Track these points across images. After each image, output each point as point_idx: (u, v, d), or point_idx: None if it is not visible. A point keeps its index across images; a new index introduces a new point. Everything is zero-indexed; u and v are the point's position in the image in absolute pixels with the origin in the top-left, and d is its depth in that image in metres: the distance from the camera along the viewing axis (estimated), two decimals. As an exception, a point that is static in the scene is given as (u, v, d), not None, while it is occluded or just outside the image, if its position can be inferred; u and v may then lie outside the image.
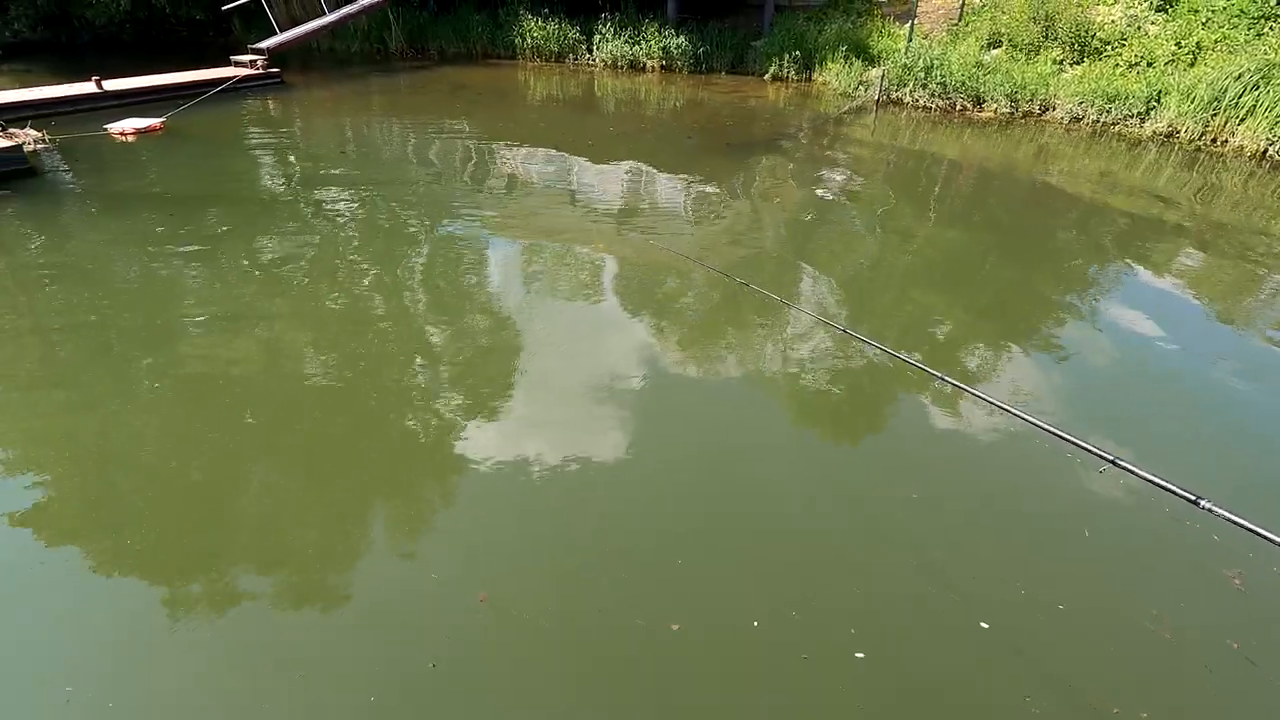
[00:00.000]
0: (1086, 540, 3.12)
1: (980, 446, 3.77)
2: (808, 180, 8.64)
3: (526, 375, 4.28)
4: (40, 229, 6.38)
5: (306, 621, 2.68)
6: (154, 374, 4.19)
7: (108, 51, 17.81)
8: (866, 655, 2.54)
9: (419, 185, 8.02)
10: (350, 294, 5.28)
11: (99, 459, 3.52)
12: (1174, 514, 3.22)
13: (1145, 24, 11.59)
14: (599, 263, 5.98)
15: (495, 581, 2.84)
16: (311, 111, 11.84)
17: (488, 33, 17.02)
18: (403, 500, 3.32)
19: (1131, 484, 3.41)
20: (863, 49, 13.75)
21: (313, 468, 3.48)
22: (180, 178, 8.01)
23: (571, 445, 3.63)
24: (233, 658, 2.54)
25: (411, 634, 2.61)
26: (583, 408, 3.96)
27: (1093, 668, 2.54)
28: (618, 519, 3.22)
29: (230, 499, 3.27)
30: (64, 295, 5.12)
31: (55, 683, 2.42)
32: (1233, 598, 2.84)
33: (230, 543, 3.02)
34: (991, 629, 2.66)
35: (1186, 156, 9.55)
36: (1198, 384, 4.45)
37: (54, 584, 2.83)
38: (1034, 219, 7.47)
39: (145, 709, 2.37)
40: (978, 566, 2.98)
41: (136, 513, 3.15)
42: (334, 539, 3.06)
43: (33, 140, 8.82)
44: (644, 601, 2.75)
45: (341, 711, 2.34)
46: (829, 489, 3.47)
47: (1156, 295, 5.69)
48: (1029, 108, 11.58)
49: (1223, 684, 2.50)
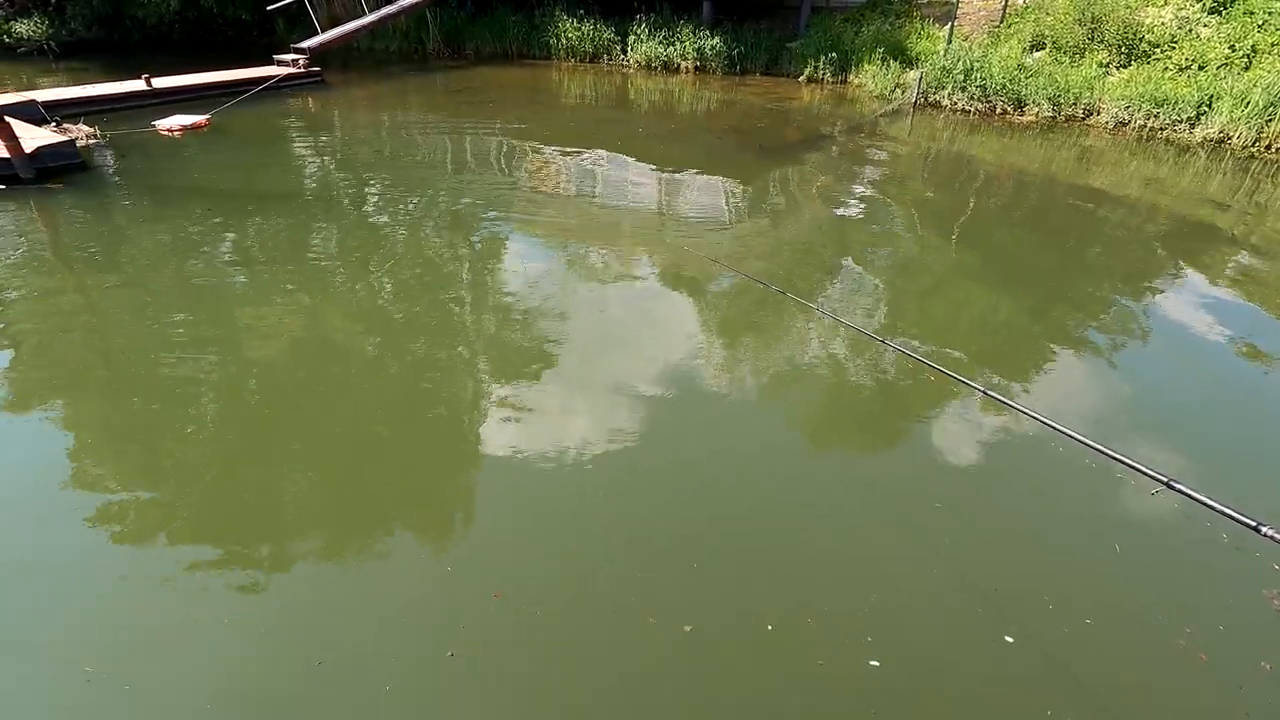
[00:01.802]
0: (1118, 555, 3.01)
1: (1012, 456, 3.68)
2: (841, 183, 8.53)
3: (547, 373, 4.30)
4: (90, 219, 6.62)
5: (324, 608, 2.72)
6: (188, 359, 4.31)
7: (157, 50, 18.43)
8: (882, 664, 2.50)
9: (452, 184, 8.12)
10: (378, 287, 5.37)
11: (128, 440, 3.63)
12: (1207, 531, 3.10)
13: (1197, 26, 11.20)
14: (626, 264, 5.98)
15: (510, 577, 2.85)
16: (350, 110, 12.08)
17: (523, 33, 17.18)
18: (422, 493, 3.36)
19: (1167, 501, 3.29)
20: (900, 51, 13.54)
21: (336, 456, 3.54)
22: (224, 173, 8.24)
23: (590, 444, 3.64)
24: (251, 642, 2.59)
25: (428, 625, 2.64)
26: (602, 407, 3.96)
27: (1119, 684, 2.45)
28: (635, 519, 3.21)
29: (253, 486, 3.34)
30: (110, 280, 5.31)
31: (76, 662, 2.48)
32: (1270, 618, 2.72)
33: (250, 529, 3.08)
34: (1016, 641, 2.59)
35: (1238, 163, 9.20)
36: (1250, 399, 4.28)
37: (76, 564, 2.92)
38: (1078, 223, 7.27)
39: (162, 692, 2.41)
40: (1004, 578, 2.90)
41: (159, 497, 3.24)
42: (354, 528, 3.11)
43: (85, 136, 9.17)
44: (658, 601, 2.74)
45: (359, 695, 2.38)
46: (853, 494, 3.41)
47: (1211, 306, 5.47)
48: (1072, 111, 11.28)
49: (1253, 702, 2.39)
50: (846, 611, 2.71)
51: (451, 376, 4.30)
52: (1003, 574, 2.92)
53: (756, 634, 2.61)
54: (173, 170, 8.23)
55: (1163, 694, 2.44)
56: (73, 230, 6.38)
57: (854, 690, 2.41)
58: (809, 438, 3.85)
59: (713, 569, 2.90)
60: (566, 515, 3.20)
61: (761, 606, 2.72)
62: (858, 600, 2.77)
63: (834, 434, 3.91)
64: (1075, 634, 2.64)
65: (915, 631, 2.65)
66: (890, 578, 2.90)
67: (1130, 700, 2.40)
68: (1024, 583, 2.88)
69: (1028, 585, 2.86)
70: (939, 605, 2.76)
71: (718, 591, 2.80)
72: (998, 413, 3.97)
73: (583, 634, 2.61)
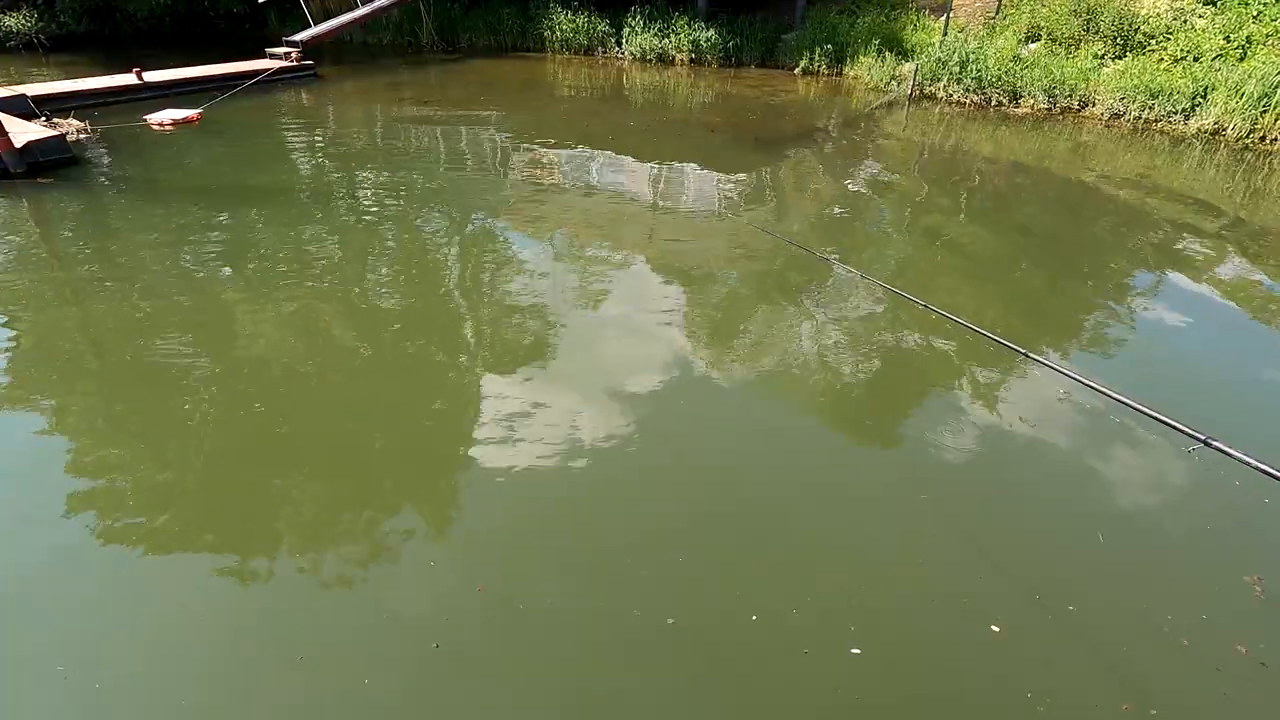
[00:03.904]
0: (1101, 545, 3.03)
1: (997, 451, 3.69)
2: (837, 175, 8.52)
3: (529, 368, 4.30)
4: (81, 214, 6.59)
5: (306, 603, 2.72)
6: (175, 354, 4.30)
7: (148, 43, 18.29)
8: (864, 652, 2.51)
9: (445, 177, 8.09)
10: (369, 281, 5.36)
11: (111, 437, 3.62)
12: (1192, 519, 3.13)
13: (1192, 17, 11.18)
14: (618, 258, 5.97)
15: (493, 571, 2.85)
16: (343, 103, 12.03)
17: (517, 26, 17.10)
18: (405, 487, 3.35)
19: (1150, 488, 3.32)
20: (896, 43, 13.51)
21: (322, 454, 3.53)
22: (215, 168, 8.20)
23: (574, 439, 3.64)
24: (232, 637, 2.58)
25: (411, 618, 2.64)
26: (589, 403, 3.96)
27: (1102, 670, 2.47)
28: (622, 514, 3.21)
29: (234, 481, 3.33)
30: (100, 276, 5.29)
31: (49, 660, 2.46)
32: (1250, 603, 2.75)
33: (229, 524, 3.07)
34: (1000, 629, 2.61)
35: (1233, 155, 9.21)
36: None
37: (56, 562, 2.90)
38: (1072, 215, 7.27)
39: (140, 689, 2.40)
40: (990, 569, 2.92)
41: (139, 493, 3.23)
42: (336, 522, 3.11)
43: (76, 130, 9.11)
44: (642, 594, 2.74)
45: (341, 689, 2.38)
46: (836, 488, 3.42)
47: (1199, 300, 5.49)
48: (1067, 103, 11.27)
49: (1231, 683, 2.42)
50: (831, 602, 2.72)
51: (436, 370, 4.29)
52: (989, 565, 2.94)
53: (741, 625, 2.62)
54: (164, 165, 8.19)
55: (1144, 678, 2.46)
56: (64, 225, 6.35)
57: (834, 678, 2.43)
58: (792, 433, 3.85)
59: (698, 564, 2.90)
60: (550, 510, 3.21)
61: (746, 599, 2.73)
62: (843, 591, 2.78)
63: (819, 429, 3.91)
64: (1060, 622, 2.66)
65: (900, 620, 2.66)
66: (875, 568, 2.91)
67: (1112, 685, 2.42)
68: (1010, 573, 2.89)
69: (1014, 575, 2.88)
70: (924, 595, 2.78)
71: (702, 583, 2.81)
72: (984, 405, 3.98)
73: (566, 626, 2.62)
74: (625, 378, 4.16)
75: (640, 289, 5.36)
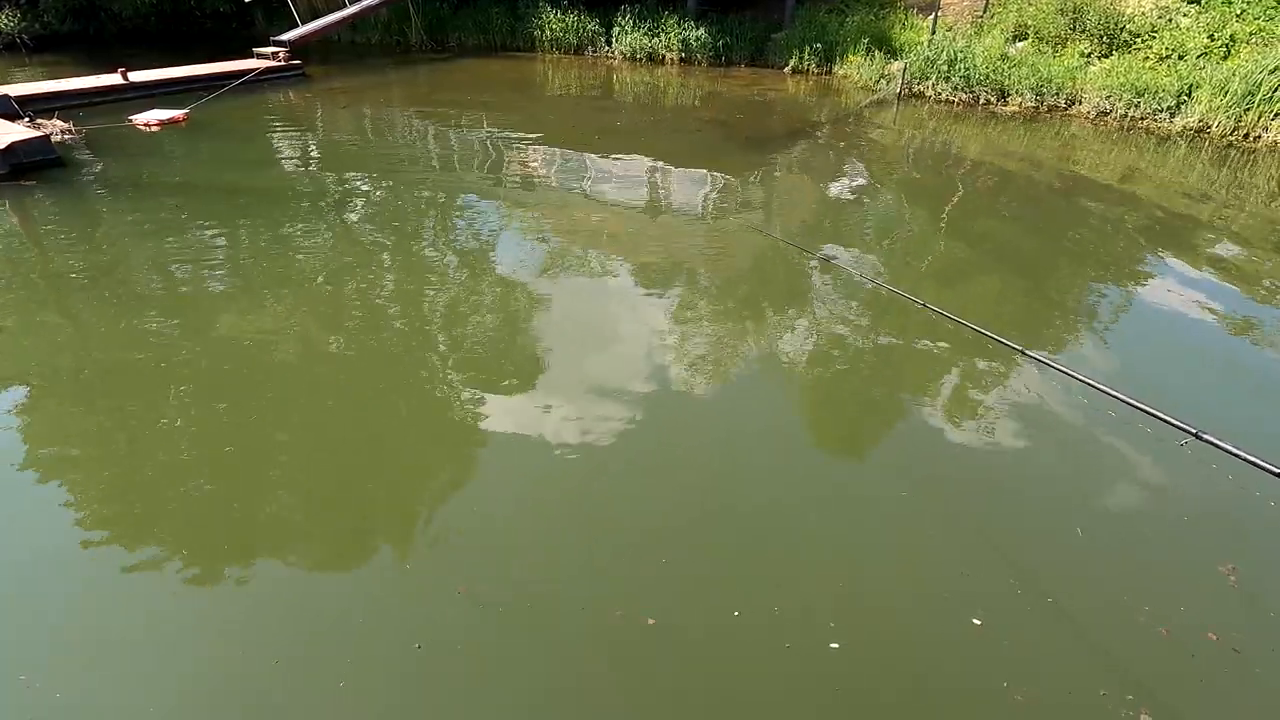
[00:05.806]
0: (1080, 537, 3.06)
1: (979, 447, 3.71)
2: (827, 173, 8.55)
3: (519, 369, 4.29)
4: (66, 216, 6.53)
5: (286, 605, 2.71)
6: (156, 357, 4.27)
7: (133, 43, 18.13)
8: (843, 645, 2.53)
9: (435, 177, 8.07)
10: (359, 284, 5.34)
11: (91, 440, 3.60)
12: (1168, 510, 3.16)
13: (1177, 16, 11.27)
14: (608, 257, 5.97)
15: (475, 572, 2.84)
16: (331, 103, 11.97)
17: (507, 25, 17.06)
18: (386, 488, 3.34)
19: (1127, 482, 3.36)
20: (885, 41, 13.56)
21: (301, 455, 3.52)
22: (202, 169, 8.16)
23: (560, 440, 3.63)
24: (208, 642, 2.56)
25: (391, 620, 2.63)
26: (572, 402, 3.96)
27: (1083, 660, 2.49)
28: (606, 514, 3.20)
29: (214, 484, 3.31)
30: (85, 278, 5.24)
31: (11, 669, 2.42)
32: (1222, 590, 2.79)
33: (209, 527, 3.04)
34: (981, 622, 2.62)
35: (1218, 151, 9.29)
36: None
37: (35, 564, 2.88)
38: (1060, 212, 7.32)
39: (118, 694, 2.37)
40: (970, 563, 2.93)
41: (117, 496, 3.21)
42: (315, 524, 3.10)
43: (60, 131, 9.02)
44: (625, 593, 2.74)
45: (320, 696, 2.37)
46: (818, 485, 3.43)
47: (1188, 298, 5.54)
48: (1054, 101, 11.33)
49: (1206, 670, 2.46)
50: (812, 597, 2.73)
51: (418, 371, 4.28)
52: (969, 559, 2.95)
53: (723, 621, 2.63)
54: (150, 166, 8.12)
55: (1121, 666, 2.49)
56: (48, 227, 6.29)
57: (815, 672, 2.44)
58: (776, 432, 3.86)
59: (683, 565, 2.90)
60: (532, 511, 3.20)
61: (729, 595, 2.74)
62: (824, 586, 2.79)
63: (800, 429, 3.92)
64: (1040, 614, 2.68)
65: (880, 614, 2.68)
66: (856, 563, 2.92)
67: (1091, 673, 2.44)
68: (991, 567, 2.91)
69: (994, 569, 2.90)
70: (906, 589, 2.79)
71: (684, 582, 2.81)
72: (973, 400, 4.00)
73: (548, 626, 2.61)
74: (611, 377, 4.16)
75: (630, 288, 5.36)
